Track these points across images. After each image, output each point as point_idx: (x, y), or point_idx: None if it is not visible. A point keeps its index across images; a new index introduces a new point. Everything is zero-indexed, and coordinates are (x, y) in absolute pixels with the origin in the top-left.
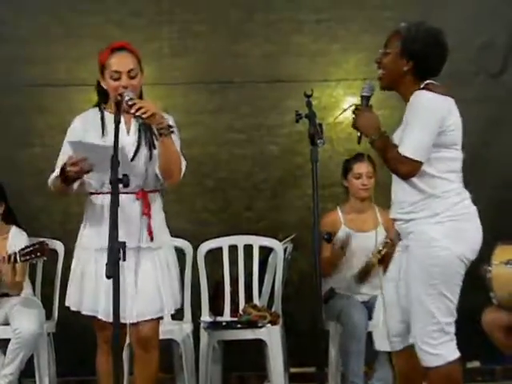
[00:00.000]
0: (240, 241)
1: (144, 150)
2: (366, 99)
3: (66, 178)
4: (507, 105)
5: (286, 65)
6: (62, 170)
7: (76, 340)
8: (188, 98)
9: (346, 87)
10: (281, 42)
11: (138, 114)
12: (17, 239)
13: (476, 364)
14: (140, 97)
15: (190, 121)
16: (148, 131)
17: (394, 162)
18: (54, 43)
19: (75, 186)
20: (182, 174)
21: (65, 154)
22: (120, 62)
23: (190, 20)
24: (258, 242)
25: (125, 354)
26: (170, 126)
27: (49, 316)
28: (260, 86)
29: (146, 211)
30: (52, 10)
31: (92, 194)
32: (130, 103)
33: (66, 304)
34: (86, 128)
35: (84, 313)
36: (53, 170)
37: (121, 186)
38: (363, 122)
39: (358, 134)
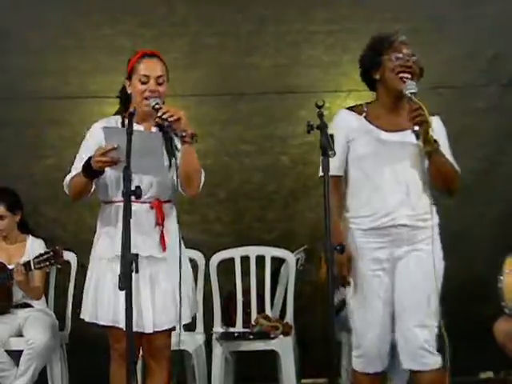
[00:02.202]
0: (252, 252)
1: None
2: (415, 96)
3: (90, 171)
4: None
5: (297, 76)
6: (87, 163)
7: (89, 351)
8: (200, 110)
9: (357, 98)
10: (292, 54)
11: (164, 116)
12: (35, 247)
13: (489, 374)
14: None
15: (202, 132)
16: (168, 140)
17: (456, 176)
18: (67, 55)
19: (93, 187)
20: (202, 185)
21: (84, 154)
22: (150, 67)
23: (202, 32)
24: (270, 252)
25: (138, 366)
26: (194, 135)
27: (62, 327)
28: (271, 97)
29: (160, 221)
30: (64, 22)
31: (106, 202)
32: (156, 107)
33: (81, 316)
34: None
35: (102, 323)
36: (67, 174)
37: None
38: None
39: (417, 129)
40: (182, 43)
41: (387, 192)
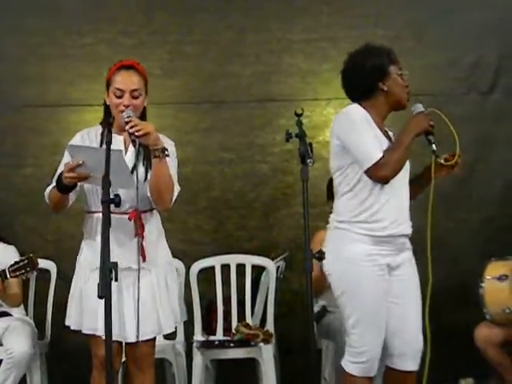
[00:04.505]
0: (232, 260)
1: (141, 170)
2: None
3: (62, 186)
4: (498, 123)
5: (277, 84)
6: (59, 178)
7: (69, 360)
8: (179, 118)
9: (337, 106)
10: (272, 62)
11: (131, 131)
12: (6, 253)
13: (469, 381)
14: (142, 117)
15: (182, 140)
16: (147, 151)
17: None
18: (47, 64)
19: (71, 199)
20: (174, 200)
21: (63, 167)
22: (125, 81)
23: (182, 40)
24: (250, 260)
25: (120, 374)
26: (164, 149)
27: (41, 336)
28: (251, 105)
29: (140, 232)
30: (45, 30)
31: (88, 212)
32: (126, 120)
33: (67, 323)
34: (85, 143)
35: (85, 332)
36: (49, 184)
37: (114, 206)
38: None
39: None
40: (161, 51)
41: (403, 199)
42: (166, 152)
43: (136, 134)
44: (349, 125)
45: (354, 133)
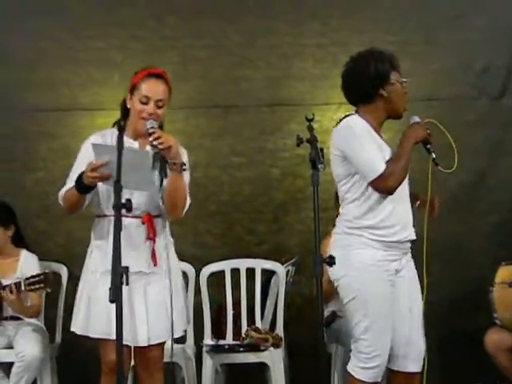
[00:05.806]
0: (242, 264)
1: (156, 177)
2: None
3: (82, 186)
4: (509, 127)
5: (287, 89)
6: (80, 178)
7: (79, 364)
8: (190, 122)
9: (347, 110)
10: (282, 67)
11: (155, 143)
12: (28, 262)
13: None
14: (160, 126)
15: (193, 144)
16: (162, 158)
17: None
18: (57, 68)
19: (87, 200)
20: (185, 211)
21: (79, 167)
22: (152, 89)
23: (192, 45)
24: (260, 265)
25: (129, 378)
26: (183, 164)
27: (52, 340)
28: (262, 109)
29: (151, 236)
30: (55, 35)
31: (99, 216)
32: (150, 131)
33: (72, 329)
34: None
35: (94, 336)
36: (63, 185)
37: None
38: None
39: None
40: (172, 56)
41: (407, 205)
42: (184, 166)
43: (159, 147)
44: (350, 138)
45: (356, 146)
